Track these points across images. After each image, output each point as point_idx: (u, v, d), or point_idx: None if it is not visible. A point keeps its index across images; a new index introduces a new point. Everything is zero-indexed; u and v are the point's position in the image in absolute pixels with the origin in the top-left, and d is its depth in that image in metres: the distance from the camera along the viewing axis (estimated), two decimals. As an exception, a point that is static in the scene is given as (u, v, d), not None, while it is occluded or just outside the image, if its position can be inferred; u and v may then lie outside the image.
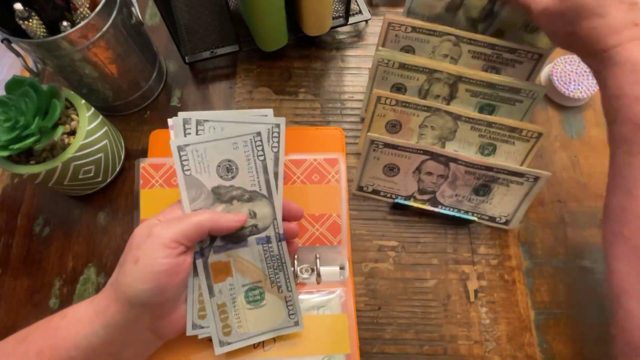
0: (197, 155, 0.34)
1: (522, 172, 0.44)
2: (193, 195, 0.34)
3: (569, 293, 0.47)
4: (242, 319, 0.37)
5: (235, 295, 0.36)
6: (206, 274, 0.35)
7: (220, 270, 0.36)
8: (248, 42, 0.56)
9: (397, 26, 0.48)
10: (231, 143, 0.34)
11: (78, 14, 0.43)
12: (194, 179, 0.34)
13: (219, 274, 0.36)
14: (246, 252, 0.36)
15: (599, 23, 0.31)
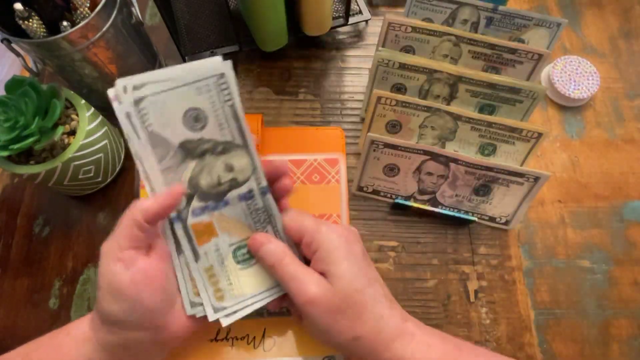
0: (156, 107, 0.29)
1: (522, 172, 0.44)
2: (160, 154, 0.30)
3: (569, 293, 0.47)
4: (235, 280, 0.33)
5: (223, 257, 0.33)
6: (187, 237, 0.32)
7: (203, 231, 0.32)
8: (248, 42, 0.56)
9: (397, 26, 0.48)
10: (194, 89, 0.30)
11: (78, 14, 0.43)
12: (157, 135, 0.30)
13: (202, 236, 0.32)
14: (229, 209, 0.33)
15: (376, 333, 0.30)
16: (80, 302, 0.46)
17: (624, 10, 0.63)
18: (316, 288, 0.29)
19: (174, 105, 0.30)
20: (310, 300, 0.29)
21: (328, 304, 0.29)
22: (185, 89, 0.30)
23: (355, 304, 0.29)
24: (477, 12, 0.48)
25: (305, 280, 0.30)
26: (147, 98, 0.29)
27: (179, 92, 0.30)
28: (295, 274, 0.30)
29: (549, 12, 0.63)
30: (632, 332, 0.45)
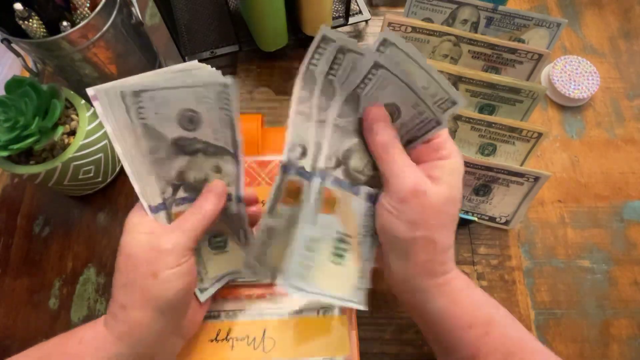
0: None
1: (522, 172, 0.44)
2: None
3: (569, 293, 0.47)
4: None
5: (327, 238, 0.33)
6: (317, 197, 0.32)
7: (329, 201, 0.33)
8: (248, 42, 0.56)
9: (397, 26, 0.48)
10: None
11: (78, 14, 0.43)
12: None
13: (326, 205, 0.33)
14: (354, 200, 0.33)
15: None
16: (80, 302, 0.46)
17: (624, 10, 0.63)
18: (424, 183, 0.30)
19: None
20: (417, 190, 0.29)
21: (431, 199, 0.29)
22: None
23: (448, 214, 0.30)
24: (477, 12, 0.48)
25: (415, 172, 0.30)
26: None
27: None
28: (405, 162, 0.30)
29: (549, 12, 0.63)
30: (632, 332, 0.45)
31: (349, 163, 0.33)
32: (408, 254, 0.30)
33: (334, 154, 0.32)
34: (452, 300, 0.31)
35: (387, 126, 0.31)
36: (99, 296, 0.46)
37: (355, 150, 0.32)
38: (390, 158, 0.30)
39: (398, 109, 0.32)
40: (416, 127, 0.32)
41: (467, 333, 0.30)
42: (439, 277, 0.31)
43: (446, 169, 0.30)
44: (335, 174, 0.32)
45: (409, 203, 0.29)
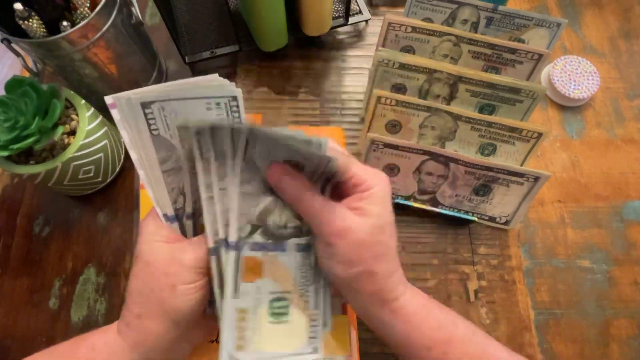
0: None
1: (522, 172, 0.44)
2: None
3: (569, 293, 0.47)
4: (260, 333, 0.32)
5: (259, 303, 0.32)
6: (235, 268, 0.31)
7: (252, 269, 0.31)
8: (248, 42, 0.56)
9: (397, 26, 0.48)
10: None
11: (78, 14, 0.43)
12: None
13: (248, 273, 0.31)
14: (283, 256, 0.32)
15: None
16: (80, 302, 0.46)
17: (624, 10, 0.63)
18: (348, 220, 0.30)
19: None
20: (341, 230, 0.29)
21: (358, 235, 0.29)
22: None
23: (381, 243, 0.30)
24: (477, 12, 0.48)
25: (336, 212, 0.30)
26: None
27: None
28: (323, 205, 0.30)
29: (549, 12, 0.63)
30: (632, 332, 0.45)
31: (268, 223, 0.32)
32: (353, 289, 0.31)
33: (247, 221, 0.31)
34: (407, 325, 0.31)
35: (293, 177, 0.31)
36: (98, 296, 0.46)
37: (271, 209, 0.32)
38: (307, 206, 0.30)
39: (298, 161, 0.31)
40: (322, 169, 0.31)
41: (426, 355, 0.30)
42: (390, 303, 0.31)
43: (370, 200, 0.30)
44: (253, 239, 0.31)
45: (337, 245, 0.29)
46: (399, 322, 0.31)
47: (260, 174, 0.31)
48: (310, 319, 0.33)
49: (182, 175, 0.32)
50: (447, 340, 0.31)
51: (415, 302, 0.31)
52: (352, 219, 0.30)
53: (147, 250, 0.31)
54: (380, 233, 0.30)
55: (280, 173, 0.31)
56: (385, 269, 0.30)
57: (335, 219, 0.30)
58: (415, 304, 0.31)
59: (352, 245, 0.29)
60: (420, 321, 0.31)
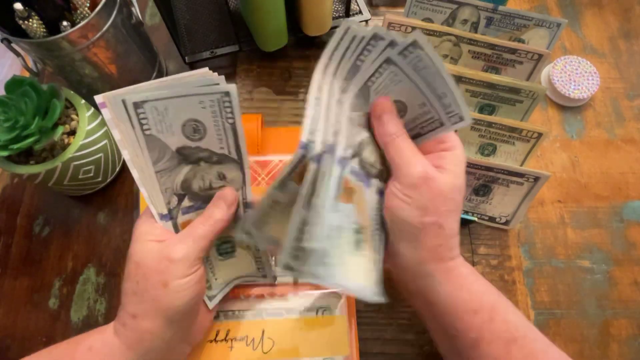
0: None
1: (522, 172, 0.44)
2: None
3: (569, 293, 0.47)
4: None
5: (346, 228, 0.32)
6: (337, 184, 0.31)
7: (346, 191, 0.32)
8: (248, 42, 0.56)
9: (397, 26, 0.48)
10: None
11: (78, 14, 0.43)
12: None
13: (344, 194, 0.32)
14: (367, 192, 0.33)
15: None
16: (80, 302, 0.46)
17: (624, 10, 0.63)
18: (430, 167, 0.31)
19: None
20: (426, 176, 0.30)
21: (439, 186, 0.30)
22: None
23: (455, 201, 0.31)
24: (477, 12, 0.48)
25: (423, 160, 0.31)
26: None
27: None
28: (413, 151, 0.31)
29: (549, 12, 0.63)
30: (632, 332, 0.45)
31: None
32: (418, 239, 0.31)
33: (349, 145, 0.32)
34: (459, 286, 0.31)
35: (395, 117, 0.32)
36: (98, 296, 0.46)
37: (366, 144, 0.33)
38: (399, 146, 0.31)
39: (405, 107, 0.32)
40: (420, 125, 0.32)
41: (472, 318, 0.30)
42: (447, 262, 0.31)
43: (450, 159, 0.31)
44: (352, 163, 0.32)
45: (419, 189, 0.30)
46: (450, 282, 0.31)
47: (366, 108, 0.32)
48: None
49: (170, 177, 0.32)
50: (493, 306, 0.31)
51: (467, 267, 0.32)
52: (436, 172, 0.31)
53: (138, 250, 0.31)
54: (456, 191, 0.31)
55: (386, 107, 0.32)
56: (453, 226, 0.31)
57: (423, 166, 0.31)
58: (467, 267, 0.32)
59: (432, 194, 0.30)
60: (470, 284, 0.31)
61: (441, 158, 0.31)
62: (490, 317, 0.30)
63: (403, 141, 0.31)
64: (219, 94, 0.30)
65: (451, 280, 0.31)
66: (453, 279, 0.31)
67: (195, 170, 0.33)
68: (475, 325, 0.30)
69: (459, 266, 0.32)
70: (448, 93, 0.30)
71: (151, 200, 0.32)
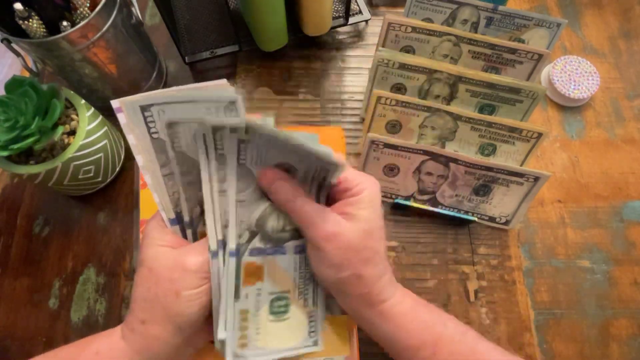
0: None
1: (522, 172, 0.44)
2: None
3: (569, 293, 0.47)
4: (262, 331, 0.33)
5: (260, 304, 0.33)
6: (236, 274, 0.31)
7: (252, 273, 0.32)
8: (248, 42, 0.56)
9: (397, 26, 0.48)
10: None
11: (78, 14, 0.43)
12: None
13: (249, 277, 0.32)
14: (282, 258, 0.33)
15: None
16: (80, 302, 0.46)
17: (624, 10, 0.63)
18: (337, 225, 0.30)
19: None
20: (331, 234, 0.30)
21: (347, 239, 0.30)
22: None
23: (369, 248, 0.31)
24: (477, 12, 0.48)
25: (326, 217, 0.30)
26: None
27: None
28: (314, 210, 0.31)
29: (549, 12, 0.63)
30: (632, 332, 0.45)
31: (266, 228, 0.32)
32: (343, 292, 0.31)
33: (245, 228, 0.32)
34: (396, 326, 0.31)
35: (284, 182, 0.31)
36: (98, 296, 0.46)
37: (268, 214, 0.32)
38: (298, 210, 0.31)
39: (291, 165, 0.32)
40: (315, 174, 0.32)
41: (415, 355, 0.31)
42: (378, 305, 0.31)
43: (359, 204, 0.31)
44: (252, 245, 0.32)
45: (327, 249, 0.30)
46: (387, 323, 0.31)
47: (254, 182, 0.32)
48: (309, 316, 0.34)
49: (175, 181, 0.32)
50: (436, 340, 0.31)
51: (404, 303, 0.32)
52: (341, 224, 0.30)
53: (151, 256, 0.31)
54: (369, 238, 0.31)
55: (273, 177, 0.31)
56: (373, 272, 0.31)
57: (325, 224, 0.30)
58: (404, 305, 0.32)
59: (341, 250, 0.30)
60: (408, 322, 0.31)
61: (348, 205, 0.31)
62: (433, 351, 0.31)
63: (300, 204, 0.31)
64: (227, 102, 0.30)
65: (388, 321, 0.31)
66: (389, 320, 0.31)
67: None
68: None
69: (394, 306, 0.31)
70: (308, 154, 0.29)
71: (162, 205, 0.32)
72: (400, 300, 0.32)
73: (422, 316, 0.32)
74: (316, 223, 0.30)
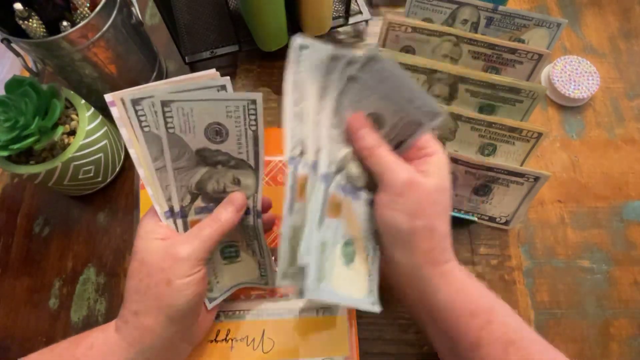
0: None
1: (522, 172, 0.44)
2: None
3: (569, 293, 0.47)
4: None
5: (336, 242, 0.33)
6: (324, 200, 0.32)
7: (334, 206, 0.33)
8: (248, 42, 0.56)
9: (397, 26, 0.48)
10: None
11: (78, 14, 0.43)
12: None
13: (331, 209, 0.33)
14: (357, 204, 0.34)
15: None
16: (80, 302, 0.46)
17: (624, 10, 0.63)
18: (416, 174, 0.31)
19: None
20: (411, 180, 0.31)
21: (425, 189, 0.31)
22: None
23: (442, 203, 0.32)
24: (477, 12, 0.48)
25: (404, 165, 0.32)
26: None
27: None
28: (395, 159, 0.32)
29: (549, 12, 0.63)
30: (632, 332, 0.45)
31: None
32: (411, 244, 0.31)
33: (332, 161, 0.33)
34: (455, 289, 0.31)
35: (370, 131, 0.32)
36: (98, 296, 0.46)
37: (349, 159, 0.33)
38: (379, 157, 0.32)
39: (381, 118, 0.33)
40: (401, 131, 0.33)
41: (470, 321, 0.31)
42: (441, 265, 0.31)
43: (433, 163, 0.32)
44: (337, 179, 0.33)
45: (405, 195, 0.30)
46: (447, 285, 0.31)
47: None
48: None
49: (167, 171, 0.33)
50: (490, 309, 0.31)
51: (462, 270, 0.32)
52: (420, 176, 0.31)
53: (142, 248, 0.31)
54: (442, 194, 0.32)
55: (359, 124, 0.32)
56: (444, 228, 0.32)
57: (407, 172, 0.31)
58: (463, 270, 0.32)
59: (419, 198, 0.31)
60: (467, 287, 0.32)
61: (424, 164, 0.32)
62: (488, 319, 0.30)
63: (382, 152, 0.32)
64: (246, 101, 0.32)
65: (447, 284, 0.31)
66: (449, 282, 0.31)
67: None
68: (474, 328, 0.30)
69: (454, 269, 0.32)
70: (416, 96, 0.30)
71: (156, 199, 0.33)
72: (458, 266, 0.32)
73: (478, 284, 0.32)
74: (397, 169, 0.31)
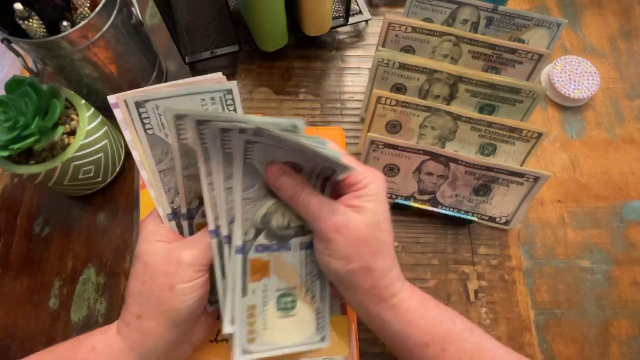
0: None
1: (522, 172, 0.44)
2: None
3: (569, 293, 0.47)
4: (270, 326, 0.33)
5: (267, 299, 0.33)
6: (243, 270, 0.32)
7: (259, 269, 0.32)
8: (248, 42, 0.56)
9: (397, 26, 0.48)
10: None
11: (78, 14, 0.43)
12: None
13: (256, 273, 0.32)
14: (288, 254, 0.33)
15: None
16: (80, 302, 0.46)
17: (624, 10, 0.63)
18: (345, 216, 0.30)
19: None
20: (340, 225, 0.30)
21: (355, 230, 0.30)
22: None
23: (377, 239, 0.31)
24: (477, 12, 0.48)
25: (333, 208, 0.30)
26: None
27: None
28: (321, 203, 0.31)
29: (549, 12, 0.63)
30: (631, 332, 0.45)
31: (271, 225, 0.32)
32: (353, 285, 0.31)
33: (250, 225, 0.32)
34: (406, 322, 0.31)
35: (290, 177, 0.31)
36: (98, 296, 0.46)
37: (273, 211, 0.32)
38: (304, 204, 0.31)
39: (297, 164, 0.32)
40: (320, 172, 0.32)
41: (424, 352, 0.31)
42: (388, 300, 0.31)
43: (367, 197, 0.31)
44: (257, 242, 0.32)
45: (335, 240, 0.30)
46: (397, 319, 0.31)
47: (260, 179, 0.32)
48: (317, 312, 0.35)
49: (175, 175, 0.32)
50: (445, 337, 0.31)
51: (413, 299, 0.32)
52: (349, 215, 0.30)
53: (146, 251, 0.31)
54: (377, 229, 0.31)
55: (279, 173, 0.31)
56: (382, 264, 0.31)
57: (333, 215, 0.30)
58: (413, 300, 0.32)
59: (350, 241, 0.30)
60: (418, 318, 0.31)
61: (355, 198, 0.31)
62: (442, 347, 0.30)
63: (305, 197, 0.31)
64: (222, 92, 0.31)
65: (397, 317, 0.31)
66: (399, 316, 0.31)
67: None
68: (429, 358, 0.30)
69: (404, 301, 0.31)
70: (316, 154, 0.29)
71: (158, 201, 0.32)
72: (409, 296, 0.32)
73: (431, 312, 0.32)
74: (324, 215, 0.30)
